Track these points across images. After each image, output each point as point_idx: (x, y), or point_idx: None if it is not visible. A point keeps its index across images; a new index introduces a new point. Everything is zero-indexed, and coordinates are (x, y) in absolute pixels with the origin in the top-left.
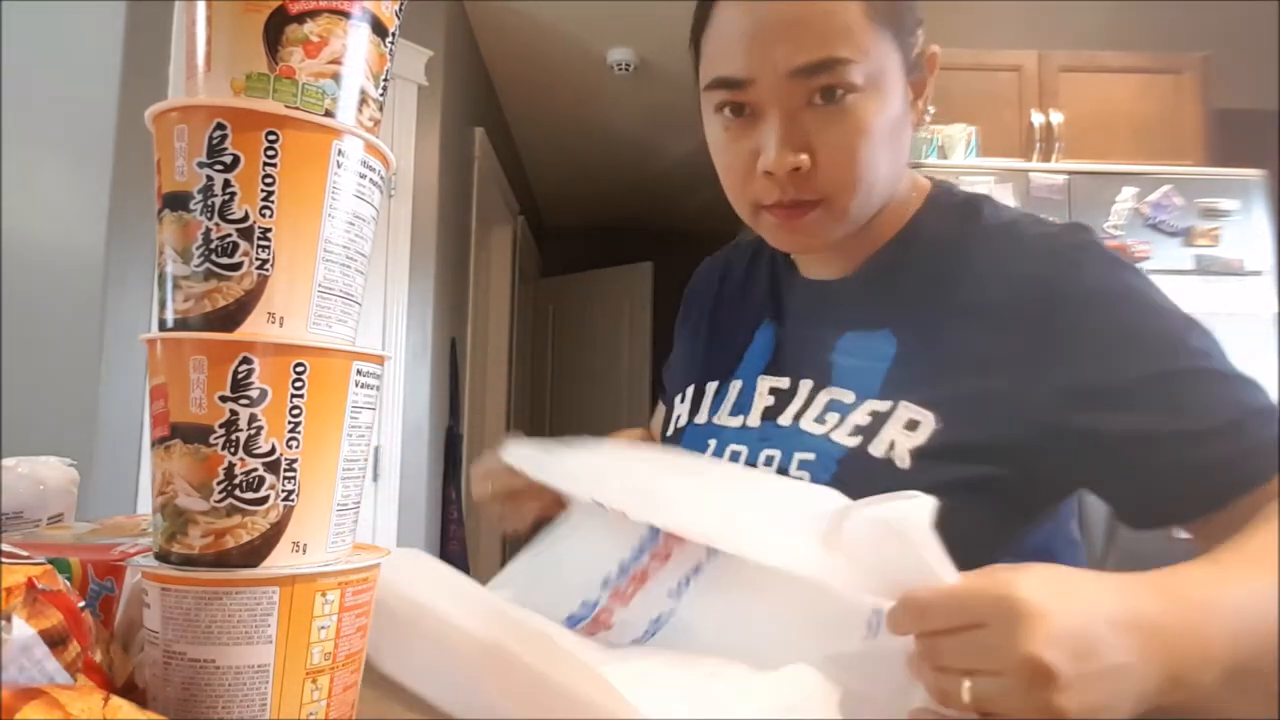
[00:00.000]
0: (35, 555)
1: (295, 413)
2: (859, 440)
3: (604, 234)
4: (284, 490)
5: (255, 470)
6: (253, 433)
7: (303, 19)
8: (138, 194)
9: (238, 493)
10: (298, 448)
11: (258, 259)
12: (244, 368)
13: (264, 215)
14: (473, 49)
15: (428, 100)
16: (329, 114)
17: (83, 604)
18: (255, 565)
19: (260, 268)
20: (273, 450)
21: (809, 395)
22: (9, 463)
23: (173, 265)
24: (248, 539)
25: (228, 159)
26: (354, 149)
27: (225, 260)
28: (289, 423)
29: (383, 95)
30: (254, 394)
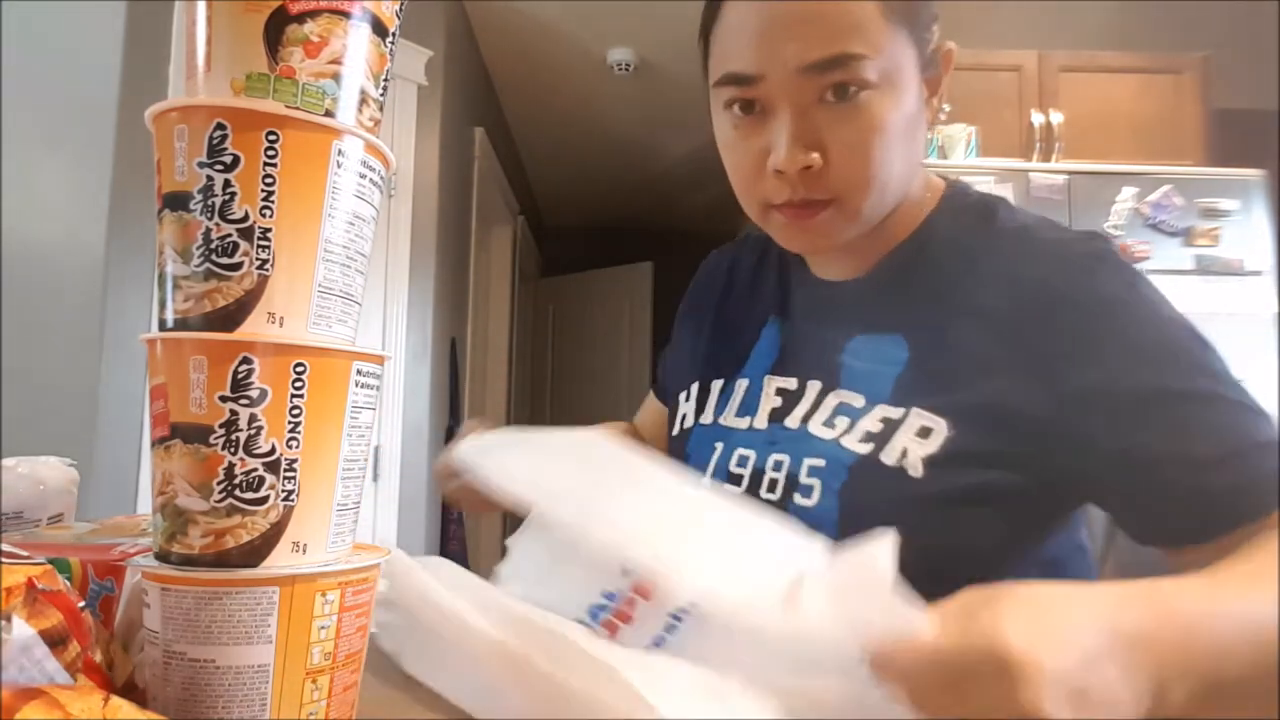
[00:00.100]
0: (35, 555)
1: (295, 413)
2: (870, 447)
3: (604, 234)
4: (284, 490)
5: (255, 470)
6: (253, 433)
7: (303, 19)
8: (138, 194)
9: (238, 493)
10: (298, 448)
11: (258, 259)
12: (244, 368)
13: (264, 215)
14: (473, 49)
15: (428, 100)
16: (329, 114)
17: (83, 604)
18: (255, 565)
19: (260, 268)
20: (273, 450)
21: (817, 397)
22: (9, 463)
23: (173, 265)
24: (248, 539)
25: (228, 159)
26: (354, 149)
27: (225, 260)
28: (289, 423)
29: (383, 95)
30: (254, 394)
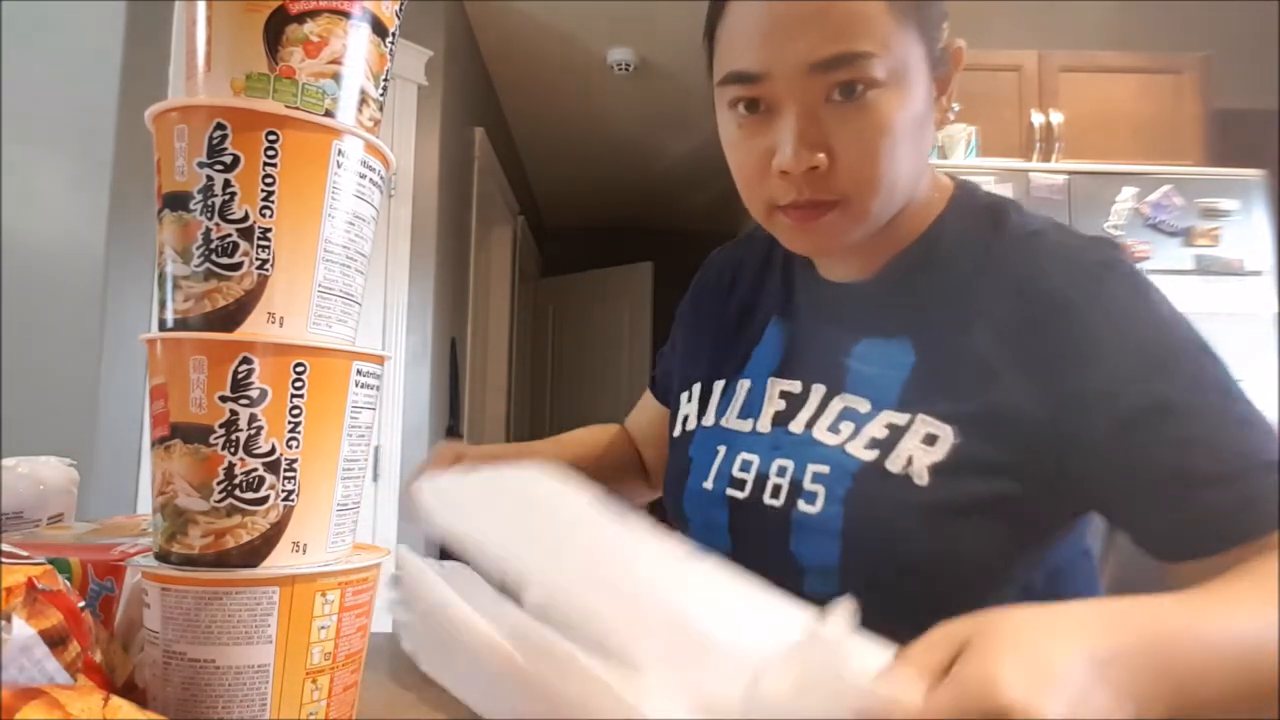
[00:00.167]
0: (35, 555)
1: (295, 413)
2: (875, 454)
3: (604, 234)
4: (284, 490)
5: (255, 470)
6: (253, 433)
7: (303, 19)
8: (138, 194)
9: (238, 493)
10: (298, 448)
11: (258, 259)
12: (244, 368)
13: (264, 215)
14: (473, 49)
15: (428, 100)
16: (329, 114)
17: (83, 604)
18: (255, 565)
19: (260, 268)
20: (273, 450)
21: (822, 402)
22: (9, 463)
23: (173, 265)
24: (248, 539)
25: (228, 159)
26: (354, 149)
27: (225, 260)
28: (289, 423)
29: (383, 95)
30: (254, 394)
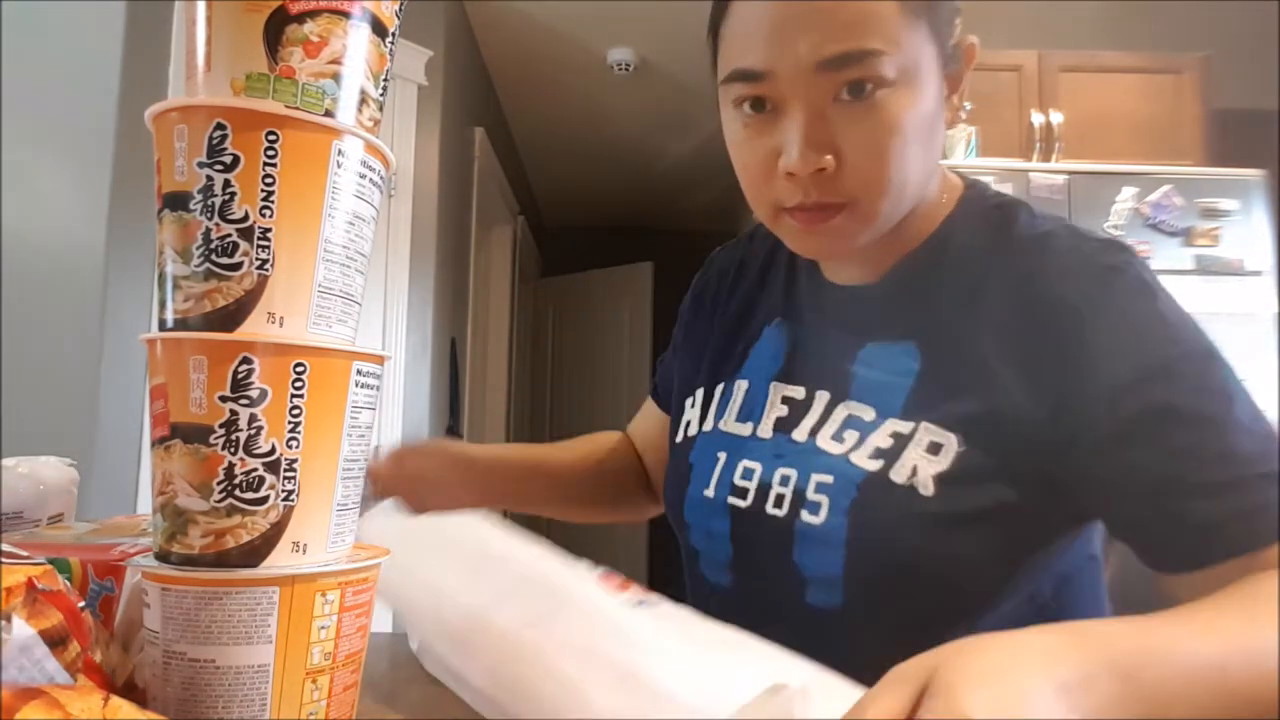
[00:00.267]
0: (35, 555)
1: (295, 413)
2: (880, 464)
3: (604, 234)
4: (284, 490)
5: (255, 470)
6: (253, 433)
7: (303, 19)
8: (138, 194)
9: (238, 493)
10: (298, 448)
11: (258, 259)
12: (244, 368)
13: (264, 215)
14: (473, 49)
15: (428, 100)
16: (329, 114)
17: (83, 604)
18: (255, 565)
19: (260, 268)
20: (273, 450)
21: (826, 408)
22: (9, 463)
23: (173, 265)
24: (248, 539)
25: (228, 159)
26: (354, 149)
27: (225, 260)
28: (289, 423)
29: (383, 95)
30: (254, 394)
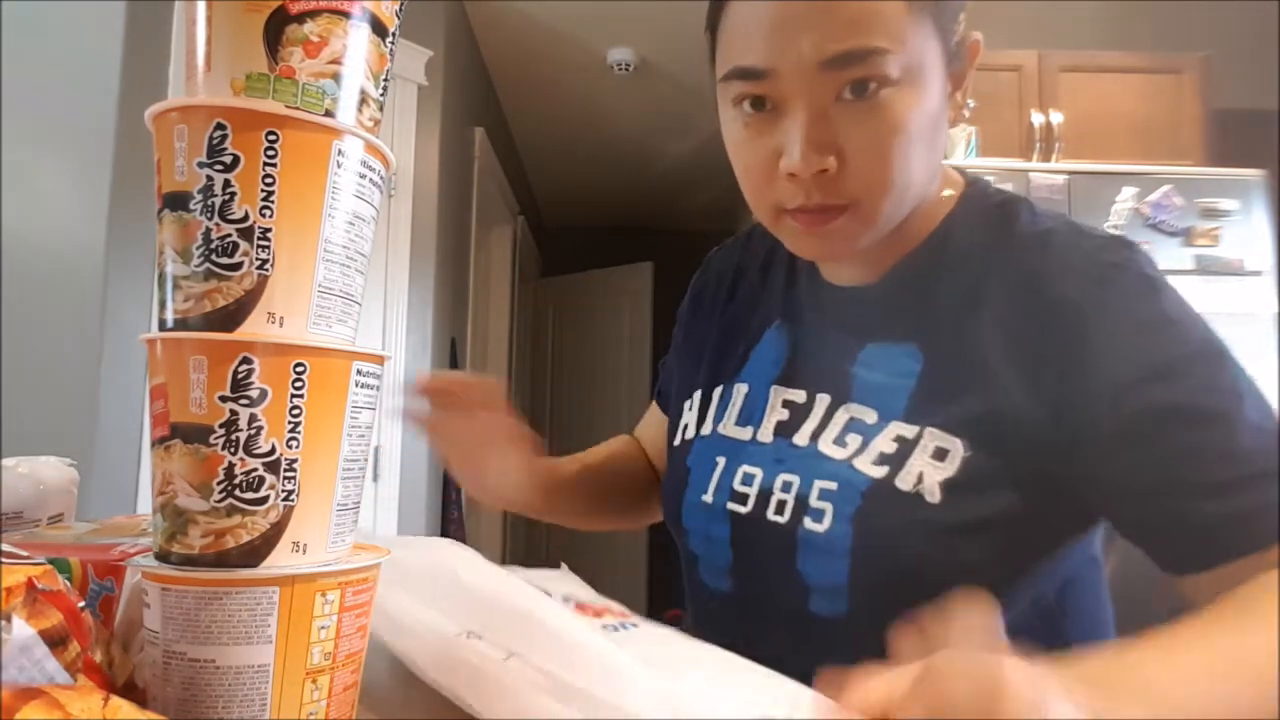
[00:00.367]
0: (35, 555)
1: (295, 413)
2: (885, 471)
3: (604, 234)
4: (284, 490)
5: (255, 470)
6: (253, 433)
7: (303, 19)
8: (138, 194)
9: (238, 493)
10: (298, 448)
11: (258, 259)
12: (244, 368)
13: (264, 215)
14: (473, 49)
15: (428, 100)
16: (329, 114)
17: (83, 604)
18: (255, 565)
19: (260, 268)
20: (273, 450)
21: (827, 412)
22: (9, 463)
23: (173, 265)
24: (248, 539)
25: (228, 159)
26: (354, 149)
27: (225, 260)
28: (289, 423)
29: (383, 95)
30: (254, 394)
